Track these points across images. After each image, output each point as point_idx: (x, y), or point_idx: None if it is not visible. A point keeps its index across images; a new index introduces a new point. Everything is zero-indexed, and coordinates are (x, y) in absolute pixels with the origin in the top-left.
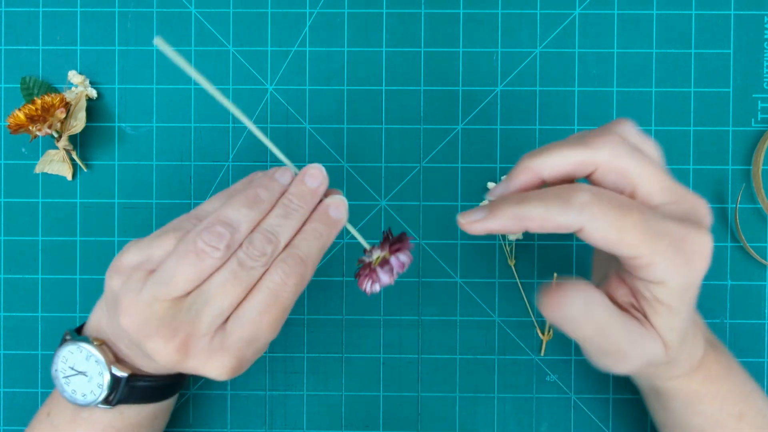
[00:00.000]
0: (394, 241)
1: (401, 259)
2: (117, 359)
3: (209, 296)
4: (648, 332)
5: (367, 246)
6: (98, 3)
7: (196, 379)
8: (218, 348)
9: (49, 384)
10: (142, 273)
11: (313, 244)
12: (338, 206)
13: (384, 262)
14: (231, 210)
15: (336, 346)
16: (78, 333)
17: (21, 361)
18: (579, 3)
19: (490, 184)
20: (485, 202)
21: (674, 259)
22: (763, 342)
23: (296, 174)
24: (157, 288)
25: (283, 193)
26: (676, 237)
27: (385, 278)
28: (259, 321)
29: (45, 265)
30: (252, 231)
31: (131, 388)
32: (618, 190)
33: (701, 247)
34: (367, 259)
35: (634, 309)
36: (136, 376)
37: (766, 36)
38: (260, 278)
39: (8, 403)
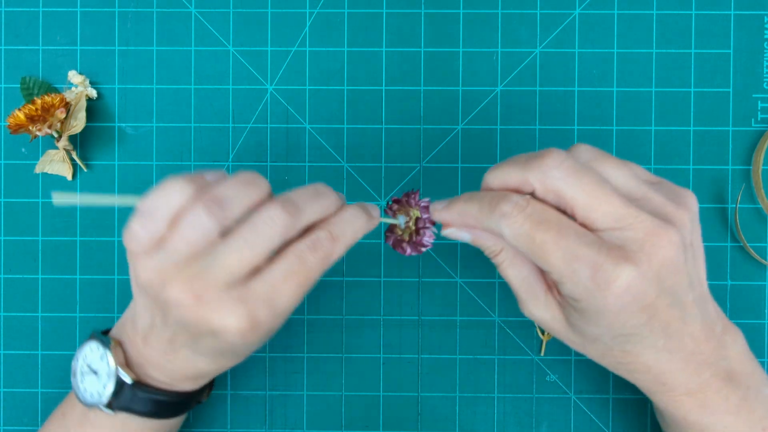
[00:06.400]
0: (407, 202)
1: (425, 216)
2: (128, 364)
3: (231, 248)
4: (547, 300)
5: (396, 221)
6: (98, 3)
7: None
8: (235, 298)
9: (49, 384)
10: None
11: (348, 225)
12: (375, 208)
13: (417, 227)
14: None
15: (336, 346)
16: (105, 334)
17: (21, 361)
18: (579, 3)
19: None
20: None
21: (581, 284)
22: (763, 342)
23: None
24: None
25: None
26: (588, 263)
27: (428, 240)
28: (281, 284)
29: (45, 265)
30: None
31: (134, 396)
32: (560, 209)
33: (614, 280)
34: (398, 229)
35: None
36: (141, 385)
37: (766, 36)
38: (290, 245)
39: (8, 403)
